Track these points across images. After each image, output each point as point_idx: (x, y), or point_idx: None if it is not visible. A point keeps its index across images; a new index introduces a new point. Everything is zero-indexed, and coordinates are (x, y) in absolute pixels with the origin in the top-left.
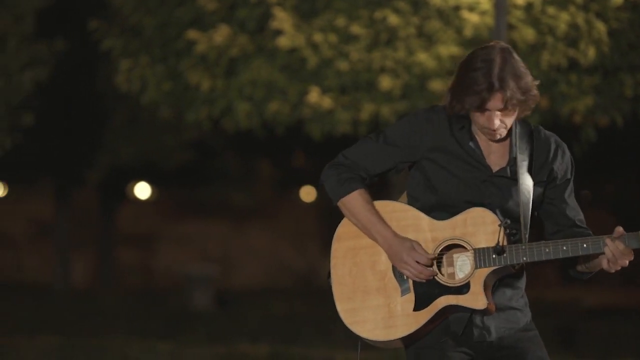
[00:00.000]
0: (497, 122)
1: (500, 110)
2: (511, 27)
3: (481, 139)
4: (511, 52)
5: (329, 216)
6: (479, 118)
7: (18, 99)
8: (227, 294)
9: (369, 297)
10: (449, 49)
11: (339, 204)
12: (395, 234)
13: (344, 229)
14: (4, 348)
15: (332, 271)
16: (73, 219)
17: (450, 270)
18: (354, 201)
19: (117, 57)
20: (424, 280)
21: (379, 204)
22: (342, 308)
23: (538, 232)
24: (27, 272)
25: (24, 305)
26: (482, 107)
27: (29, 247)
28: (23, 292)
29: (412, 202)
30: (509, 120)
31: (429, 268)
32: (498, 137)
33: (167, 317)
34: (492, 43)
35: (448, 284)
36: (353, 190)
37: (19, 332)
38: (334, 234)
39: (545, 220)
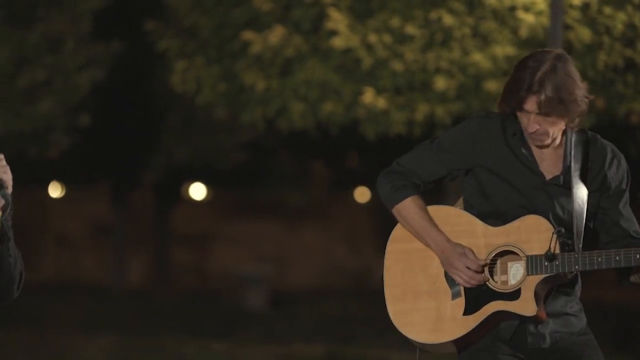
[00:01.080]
0: (535, 126)
1: (534, 113)
2: (567, 27)
3: (534, 147)
4: (565, 60)
5: (383, 217)
6: (522, 119)
7: (75, 99)
8: (281, 294)
9: (420, 299)
10: (504, 50)
11: (393, 210)
12: (448, 240)
13: (399, 231)
14: (63, 347)
15: (385, 273)
16: (129, 219)
17: (503, 277)
18: (408, 208)
19: (172, 58)
20: (475, 286)
21: (433, 209)
22: (393, 310)
23: (592, 242)
24: (84, 272)
25: (81, 305)
26: (519, 107)
27: (86, 247)
28: (80, 292)
29: (467, 208)
30: (553, 129)
31: (479, 274)
32: (539, 143)
33: (222, 317)
34: (551, 49)
35: (499, 290)
36: (406, 197)
37: (77, 331)
38: (388, 234)
39: (599, 231)
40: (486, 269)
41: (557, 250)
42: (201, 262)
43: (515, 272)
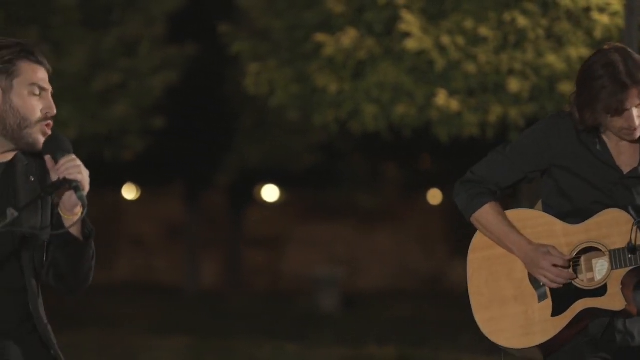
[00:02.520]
0: (638, 121)
1: (635, 106)
2: None
3: (610, 141)
4: (625, 48)
5: (455, 219)
6: (616, 122)
7: (149, 102)
8: (353, 296)
9: (506, 305)
10: (578, 51)
11: (472, 219)
12: (530, 242)
13: (479, 239)
14: (136, 348)
15: (469, 282)
16: (203, 221)
17: (589, 274)
18: (486, 215)
19: (245, 60)
20: (562, 285)
21: (511, 214)
22: (481, 318)
23: None
24: (158, 273)
25: (155, 306)
26: (620, 110)
27: (160, 249)
28: (154, 293)
29: (546, 209)
30: None
31: (566, 271)
32: (633, 137)
33: (295, 318)
34: (604, 47)
35: (585, 287)
36: (483, 204)
37: (151, 332)
38: (460, 236)
39: None
40: (571, 265)
41: (639, 242)
42: (274, 264)
43: (600, 268)
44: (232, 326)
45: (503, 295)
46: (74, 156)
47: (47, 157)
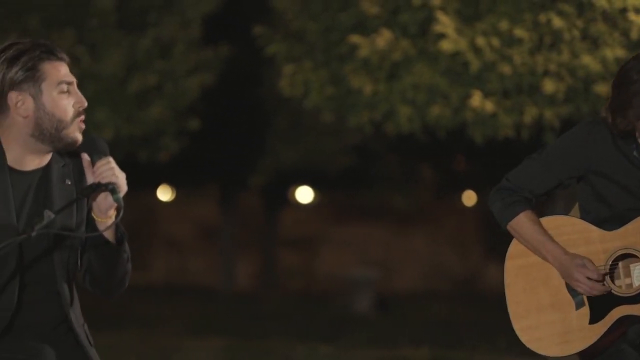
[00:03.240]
0: None
1: None
2: None
3: None
4: None
5: (490, 220)
6: None
7: (185, 104)
8: (387, 297)
9: (544, 313)
10: (614, 52)
11: (508, 227)
12: (565, 252)
13: (515, 247)
14: (172, 349)
15: (507, 290)
16: (237, 222)
17: (627, 280)
18: (521, 223)
19: (280, 62)
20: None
21: (546, 221)
22: (519, 326)
23: None
24: (193, 275)
25: (190, 308)
26: None
27: (195, 250)
28: (189, 294)
29: (584, 214)
30: None
31: (600, 285)
32: None
33: (329, 319)
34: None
35: (623, 294)
36: (518, 213)
37: (186, 333)
38: (495, 238)
39: None
40: (607, 275)
41: None
42: (308, 265)
43: (638, 274)
44: (266, 327)
45: (540, 303)
46: (110, 158)
47: (84, 155)
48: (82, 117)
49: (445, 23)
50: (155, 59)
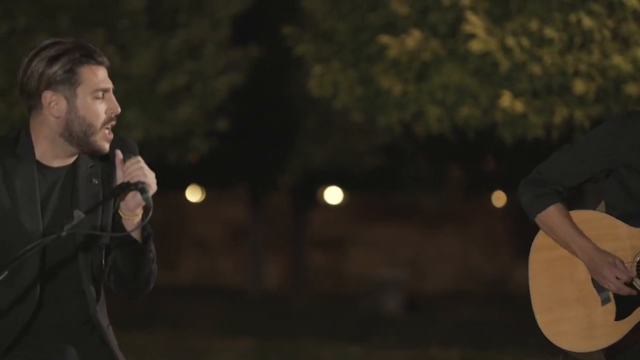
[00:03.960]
0: None
1: None
2: None
3: None
4: None
5: (519, 221)
6: None
7: (214, 104)
8: (417, 298)
9: (569, 308)
10: None
11: (536, 219)
12: (596, 247)
13: (541, 240)
14: (201, 350)
15: (531, 283)
16: (267, 223)
17: None
18: (551, 216)
19: (309, 62)
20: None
21: (575, 214)
22: (542, 320)
23: None
24: (222, 275)
25: (219, 308)
26: None
27: (224, 251)
28: (218, 294)
29: (610, 210)
30: None
31: (628, 288)
32: None
33: (358, 320)
34: None
35: None
36: (549, 205)
37: (215, 334)
38: (524, 238)
39: None
40: (634, 270)
41: None
42: (337, 265)
43: None
44: (295, 328)
45: (565, 297)
46: (139, 158)
47: (117, 152)
48: (113, 123)
49: (475, 23)
50: (184, 60)
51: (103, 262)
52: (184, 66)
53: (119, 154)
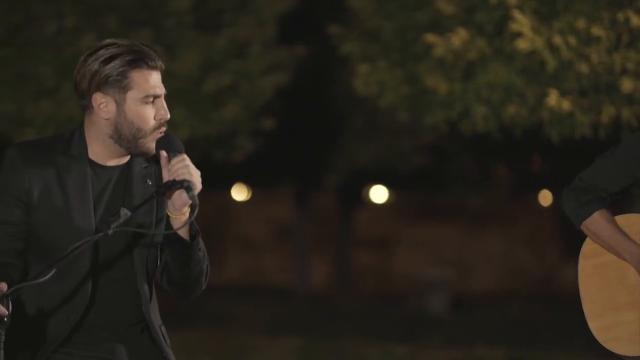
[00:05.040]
0: None
1: None
2: None
3: None
4: None
5: (566, 220)
6: None
7: (260, 103)
8: (463, 297)
9: (621, 312)
10: None
11: (582, 227)
12: None
13: (589, 246)
14: (247, 349)
15: (582, 289)
16: (312, 222)
17: None
18: (596, 223)
19: (355, 61)
20: None
21: (620, 219)
22: (595, 326)
23: None
24: (267, 274)
25: (265, 307)
26: None
27: (269, 250)
28: (264, 293)
29: None
30: None
31: None
32: None
33: (404, 320)
34: None
35: None
36: (593, 212)
37: (261, 333)
38: (571, 238)
39: None
40: None
41: None
42: (383, 265)
43: None
44: (341, 327)
45: (616, 302)
46: (184, 156)
47: (162, 152)
48: (163, 128)
49: (521, 22)
50: (230, 59)
51: (158, 261)
52: (229, 65)
53: (163, 154)
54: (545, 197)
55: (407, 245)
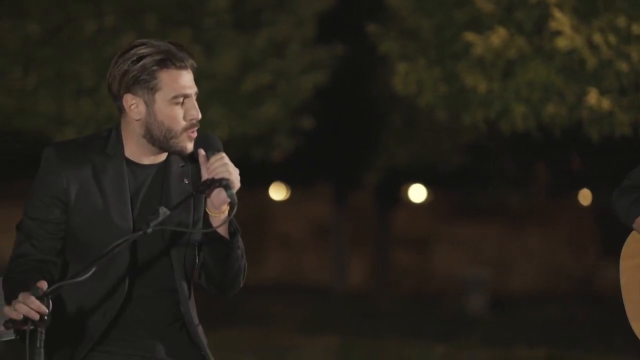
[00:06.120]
0: None
1: None
2: None
3: None
4: None
5: (606, 220)
6: None
7: (298, 102)
8: (502, 297)
9: None
10: None
11: (634, 225)
12: None
13: (629, 247)
14: (285, 347)
15: (623, 290)
16: (350, 220)
17: None
18: None
19: (394, 60)
20: None
21: None
22: (638, 327)
23: None
24: (306, 273)
25: (303, 306)
26: None
27: (308, 249)
28: (302, 292)
29: None
30: None
31: None
32: None
33: (443, 319)
34: None
35: None
36: None
37: (300, 332)
38: (611, 237)
39: None
40: None
41: None
42: (421, 264)
43: None
44: (380, 326)
45: None
46: (223, 154)
47: (200, 151)
48: (195, 128)
49: (561, 20)
50: (269, 58)
51: (196, 259)
52: (268, 65)
53: (201, 152)
54: (585, 197)
55: (446, 244)
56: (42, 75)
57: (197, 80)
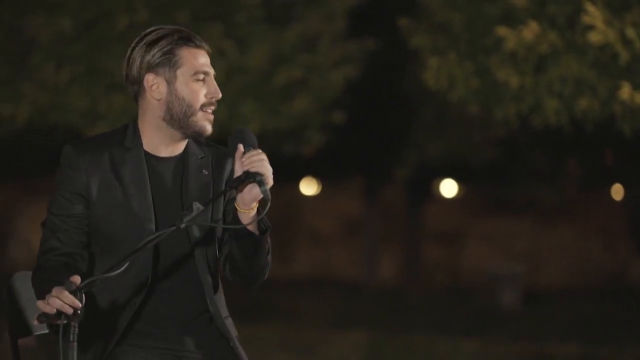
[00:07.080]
0: None
1: None
2: None
3: None
4: None
5: (639, 215)
6: None
7: (330, 97)
8: (534, 292)
9: None
10: None
11: None
12: None
13: None
14: (316, 341)
15: None
16: (381, 215)
17: None
18: None
19: (425, 54)
20: None
21: None
22: None
23: None
24: (336, 268)
25: (334, 301)
26: None
27: (338, 243)
28: (333, 287)
29: None
30: None
31: None
32: None
33: (474, 315)
34: None
35: None
36: None
37: (330, 326)
38: None
39: None
40: None
41: None
42: (452, 259)
43: None
44: (410, 321)
45: None
46: (259, 150)
47: (239, 146)
48: (212, 108)
49: (593, 14)
50: (300, 53)
51: (217, 252)
52: (299, 59)
53: (240, 148)
54: (617, 192)
55: (477, 239)
56: (74, 71)
57: (229, 75)
